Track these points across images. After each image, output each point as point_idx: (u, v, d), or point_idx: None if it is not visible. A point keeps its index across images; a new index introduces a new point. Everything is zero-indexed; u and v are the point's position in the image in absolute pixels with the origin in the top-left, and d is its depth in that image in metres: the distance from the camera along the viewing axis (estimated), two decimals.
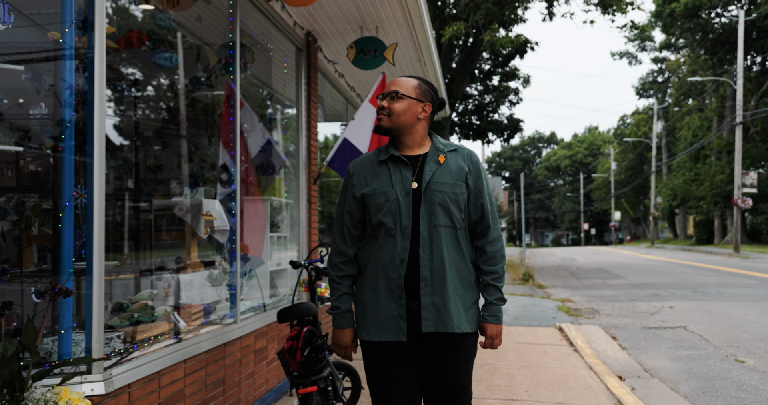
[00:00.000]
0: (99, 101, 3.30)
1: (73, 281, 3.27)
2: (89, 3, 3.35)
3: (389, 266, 3.12)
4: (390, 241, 3.13)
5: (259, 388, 5.50)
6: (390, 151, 3.22)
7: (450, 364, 3.15)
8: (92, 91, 3.30)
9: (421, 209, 3.11)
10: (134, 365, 3.54)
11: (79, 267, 3.34)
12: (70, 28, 3.29)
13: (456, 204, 3.13)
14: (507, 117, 26.93)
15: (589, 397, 6.12)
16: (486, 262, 3.21)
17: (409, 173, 3.16)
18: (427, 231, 3.10)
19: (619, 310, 13.05)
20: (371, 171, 3.23)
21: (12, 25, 3.30)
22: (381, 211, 3.14)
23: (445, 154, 3.21)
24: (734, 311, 12.26)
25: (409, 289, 3.10)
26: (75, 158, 3.30)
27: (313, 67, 7.25)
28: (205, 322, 4.83)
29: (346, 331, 3.27)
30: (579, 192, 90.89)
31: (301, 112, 7.12)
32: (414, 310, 3.11)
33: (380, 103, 3.21)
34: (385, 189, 3.15)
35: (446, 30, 18.03)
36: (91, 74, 3.32)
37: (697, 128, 53.13)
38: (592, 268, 27.11)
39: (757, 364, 7.79)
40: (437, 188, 3.12)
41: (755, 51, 45.64)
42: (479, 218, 3.21)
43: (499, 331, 3.24)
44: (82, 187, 3.36)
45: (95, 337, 3.28)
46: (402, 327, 3.09)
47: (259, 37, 6.36)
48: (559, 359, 7.93)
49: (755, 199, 42.72)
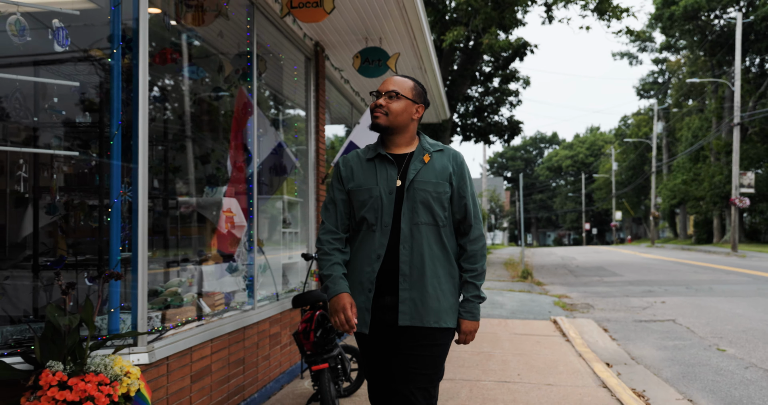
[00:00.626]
0: (143, 113, 3.84)
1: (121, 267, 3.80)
2: (134, 27, 3.88)
3: (365, 261, 3.22)
4: (370, 236, 3.23)
5: (274, 370, 6.03)
6: (378, 150, 3.31)
7: (418, 347, 3.19)
8: (137, 104, 3.83)
9: (403, 207, 3.20)
10: (170, 341, 4.07)
11: (123, 256, 3.87)
12: (118, 49, 3.81)
13: (439, 202, 3.22)
14: (507, 118, 27.46)
15: (576, 380, 6.65)
16: (466, 260, 3.29)
17: (394, 171, 3.25)
18: (409, 228, 3.19)
19: (612, 305, 13.56)
20: (359, 167, 3.32)
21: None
22: (364, 207, 3.24)
23: (431, 153, 3.30)
24: (723, 306, 12.78)
25: (386, 284, 3.19)
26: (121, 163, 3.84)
27: (321, 75, 7.78)
28: (227, 308, 5.37)
29: (341, 296, 3.18)
30: (580, 192, 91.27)
31: (310, 117, 7.65)
32: (391, 305, 3.20)
33: (377, 101, 3.28)
34: (369, 186, 3.25)
35: (447, 35, 18.57)
36: (136, 89, 3.84)
37: (696, 129, 53.59)
38: (590, 266, 27.62)
39: (736, 353, 8.31)
40: (420, 187, 3.20)
41: (753, 53, 46.14)
42: (462, 217, 3.29)
43: (475, 328, 3.29)
44: (126, 187, 3.89)
45: (140, 315, 3.81)
46: (366, 319, 3.20)
47: (271, 48, 6.88)
48: (551, 348, 8.45)
49: (753, 199, 43.19)
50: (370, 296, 3.20)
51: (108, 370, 3.35)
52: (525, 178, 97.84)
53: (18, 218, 4.22)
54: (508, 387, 6.34)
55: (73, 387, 3.19)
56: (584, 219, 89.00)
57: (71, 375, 3.25)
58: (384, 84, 3.33)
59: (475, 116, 27.20)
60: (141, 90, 3.83)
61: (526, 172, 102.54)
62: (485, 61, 26.46)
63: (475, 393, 6.08)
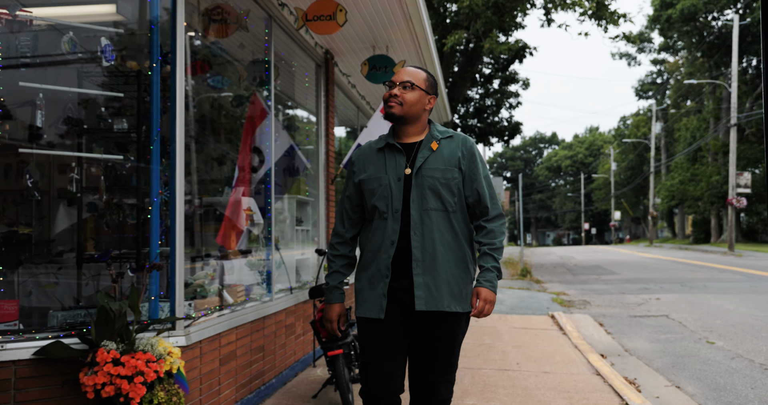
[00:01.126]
0: (180, 121, 4.27)
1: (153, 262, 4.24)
2: (171, 43, 4.31)
3: (380, 247, 3.31)
4: (383, 224, 3.32)
5: (289, 358, 6.46)
6: (387, 139, 3.42)
7: (438, 339, 3.30)
8: (174, 113, 4.27)
9: (412, 193, 3.28)
10: (202, 327, 4.51)
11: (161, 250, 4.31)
12: (157, 64, 4.25)
13: (447, 188, 3.29)
14: (507, 119, 27.90)
15: (571, 368, 7.09)
16: (485, 236, 3.36)
17: (403, 160, 3.34)
18: (419, 214, 3.27)
19: (609, 302, 14.00)
20: (370, 158, 3.43)
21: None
22: (375, 195, 3.33)
23: (439, 140, 3.38)
24: (715, 302, 13.22)
25: (402, 268, 3.28)
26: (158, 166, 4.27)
27: (331, 81, 8.22)
28: (248, 299, 5.80)
29: (333, 306, 3.49)
30: (580, 192, 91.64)
31: (321, 120, 8.09)
32: (407, 288, 3.28)
33: (392, 91, 3.36)
34: (378, 175, 3.35)
35: (448, 38, 19.01)
36: (174, 100, 4.28)
37: (695, 129, 54.07)
38: (588, 265, 28.07)
39: (724, 345, 8.75)
40: (428, 174, 3.28)
41: (750, 54, 46.61)
42: (476, 201, 3.37)
43: (492, 298, 3.30)
44: (163, 187, 4.33)
45: (178, 302, 4.25)
46: (383, 305, 3.29)
47: (285, 56, 7.31)
48: (548, 340, 8.89)
49: (750, 199, 43.67)
50: (387, 281, 3.28)
51: (154, 350, 3.79)
52: (524, 178, 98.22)
53: (69, 216, 4.66)
54: (508, 374, 6.78)
55: (126, 363, 3.62)
56: (583, 219, 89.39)
57: (122, 353, 3.69)
58: (398, 75, 3.41)
59: (475, 117, 27.62)
60: (178, 101, 4.27)
61: (525, 172, 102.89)
62: (485, 63, 26.89)
63: (476, 379, 6.52)
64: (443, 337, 3.31)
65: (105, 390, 3.56)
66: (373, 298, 3.30)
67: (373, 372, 3.31)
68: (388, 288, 3.29)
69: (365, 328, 3.36)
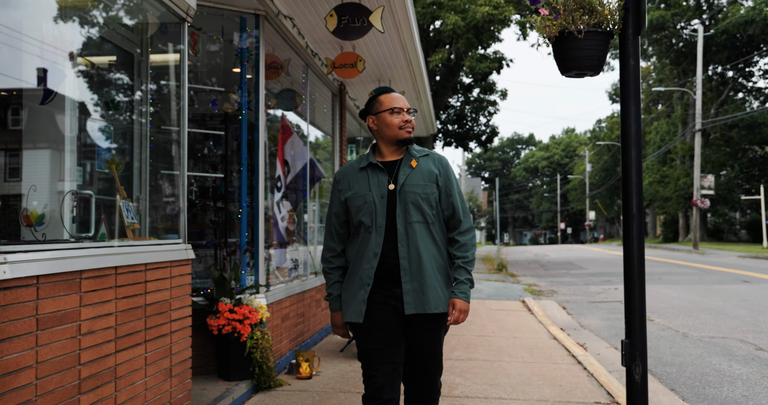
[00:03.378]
0: (262, 151, 6.22)
1: (247, 247, 6.19)
2: (255, 97, 6.25)
3: (363, 258, 3.53)
4: (367, 237, 3.53)
5: (318, 325, 8.42)
6: (369, 159, 3.62)
7: (428, 338, 3.57)
8: (258, 144, 6.21)
9: (397, 208, 3.50)
10: (272, 294, 6.45)
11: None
12: (245, 110, 6.19)
13: (427, 202, 3.52)
14: (485, 124, 29.97)
15: (534, 335, 9.10)
16: (458, 249, 3.59)
17: (385, 178, 3.55)
18: (404, 227, 3.49)
19: (573, 291, 16.07)
20: (354, 177, 3.63)
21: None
22: (360, 211, 3.54)
23: (418, 158, 3.60)
24: (664, 291, 15.32)
25: (391, 277, 3.51)
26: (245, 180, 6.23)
27: (344, 108, 10.18)
28: (292, 278, 7.76)
29: (338, 314, 3.69)
30: (556, 192, 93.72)
31: (336, 139, 10.05)
32: (398, 296, 3.51)
33: (407, 117, 3.61)
34: (363, 192, 3.55)
35: (433, 57, 21.05)
36: (257, 134, 6.22)
37: (664, 133, 56.54)
38: (560, 261, 30.24)
39: (661, 321, 10.79)
40: (410, 189, 3.50)
41: (715, 63, 49.07)
42: (451, 214, 3.61)
43: (466, 308, 3.54)
44: (248, 196, 6.27)
45: (261, 275, 6.21)
46: (362, 310, 3.50)
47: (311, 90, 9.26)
48: (518, 318, 10.91)
49: (713, 201, 46.16)
50: (368, 289, 3.49)
51: (252, 304, 5.74)
52: (502, 178, 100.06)
53: (192, 217, 6.61)
54: (485, 339, 8.77)
55: (237, 311, 5.58)
56: (559, 219, 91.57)
57: (234, 306, 5.64)
58: (402, 101, 3.66)
59: (456, 124, 29.63)
60: (261, 136, 6.22)
61: (503, 172, 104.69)
62: (465, 73, 28.93)
63: (461, 341, 8.51)
64: (432, 337, 3.59)
65: (225, 329, 5.51)
66: (354, 305, 3.52)
67: (377, 370, 3.48)
68: (381, 296, 3.53)
69: (364, 335, 3.54)
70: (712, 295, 14.29)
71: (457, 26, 19.37)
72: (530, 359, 7.42)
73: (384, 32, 6.73)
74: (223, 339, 5.61)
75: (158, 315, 3.94)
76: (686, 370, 7.23)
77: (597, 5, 4.15)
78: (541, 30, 4.30)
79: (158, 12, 4.41)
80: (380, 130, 3.60)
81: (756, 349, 8.32)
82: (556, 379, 6.44)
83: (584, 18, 4.16)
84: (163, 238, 4.46)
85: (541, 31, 4.30)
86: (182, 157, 4.57)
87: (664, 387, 6.51)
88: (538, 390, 6.02)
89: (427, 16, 20.75)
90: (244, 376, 5.66)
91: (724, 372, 7.13)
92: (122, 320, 3.51)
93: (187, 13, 4.50)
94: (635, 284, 4.33)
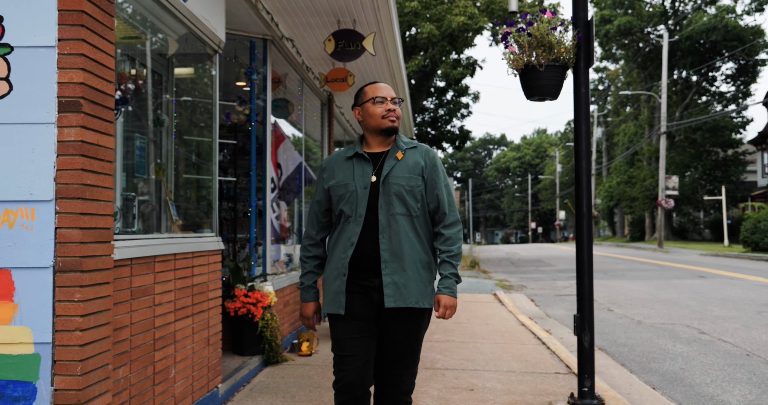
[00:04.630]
0: (269, 159, 7.14)
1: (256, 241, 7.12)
2: (264, 112, 7.18)
3: (341, 248, 3.49)
4: (347, 227, 3.49)
5: None
6: (356, 149, 3.58)
7: (405, 333, 3.52)
8: (265, 152, 7.13)
9: (379, 199, 3.44)
10: (276, 282, 7.37)
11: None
12: (255, 123, 7.12)
13: (411, 195, 3.45)
14: (459, 128, 31.06)
15: (505, 322, 10.11)
16: (443, 243, 3.51)
17: (370, 169, 3.51)
18: (386, 219, 3.43)
19: (542, 286, 17.15)
20: (339, 166, 3.59)
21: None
22: (342, 200, 3.50)
23: (404, 151, 3.54)
24: (625, 286, 16.44)
25: (370, 267, 3.47)
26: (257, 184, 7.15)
27: (332, 115, 11.12)
28: (291, 269, 8.69)
29: (308, 305, 3.69)
30: (527, 192, 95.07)
31: (324, 144, 10.99)
32: (376, 286, 3.46)
33: (390, 107, 3.52)
34: (346, 182, 3.51)
35: (409, 63, 22.04)
36: (265, 144, 7.15)
37: (632, 135, 58.04)
38: (530, 259, 31.43)
39: (619, 311, 11.85)
40: (394, 181, 3.44)
41: (680, 67, 50.66)
42: (436, 207, 3.53)
43: (453, 303, 3.47)
44: (256, 197, 7.20)
45: (269, 265, 7.15)
46: (341, 301, 3.45)
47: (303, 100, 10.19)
48: (490, 308, 11.92)
49: (678, 201, 47.72)
50: (344, 280, 3.46)
51: (263, 290, 6.67)
52: (474, 178, 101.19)
53: None
54: (460, 325, 9.76)
55: (250, 295, 6.51)
56: (530, 218, 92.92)
57: (247, 291, 6.57)
58: (386, 90, 3.59)
59: (430, 126, 30.68)
60: (269, 146, 7.14)
61: (475, 172, 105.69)
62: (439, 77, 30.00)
63: (439, 327, 9.49)
64: (409, 332, 3.53)
65: (240, 311, 6.44)
66: (331, 295, 3.50)
67: (348, 364, 3.43)
68: (357, 286, 3.49)
69: (339, 324, 3.51)
70: (668, 289, 15.42)
71: (432, 35, 20.39)
72: (501, 341, 8.42)
73: (375, 55, 7.70)
74: (238, 320, 6.53)
75: (200, 294, 4.86)
76: (636, 350, 8.27)
77: (555, 44, 5.17)
78: (510, 63, 5.33)
79: (197, 43, 5.32)
80: (365, 120, 3.58)
81: (699, 333, 9.39)
82: (523, 356, 7.44)
83: (544, 54, 5.18)
84: (199, 232, 5.38)
85: (510, 64, 5.32)
86: (214, 165, 5.50)
87: (616, 362, 7.53)
88: (507, 364, 7.02)
89: (404, 25, 21.74)
90: (256, 352, 6.60)
91: (668, 351, 8.18)
92: (178, 296, 4.44)
93: (219, 46, 5.42)
94: (585, 271, 5.36)
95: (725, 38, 46.84)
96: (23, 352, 3.07)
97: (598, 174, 68.02)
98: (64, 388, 3.09)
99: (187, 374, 4.61)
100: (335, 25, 7.40)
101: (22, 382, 3.06)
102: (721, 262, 26.24)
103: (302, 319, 3.72)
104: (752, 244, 31.37)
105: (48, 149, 3.11)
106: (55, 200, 3.11)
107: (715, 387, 6.48)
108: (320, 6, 6.88)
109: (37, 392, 3.06)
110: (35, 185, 3.11)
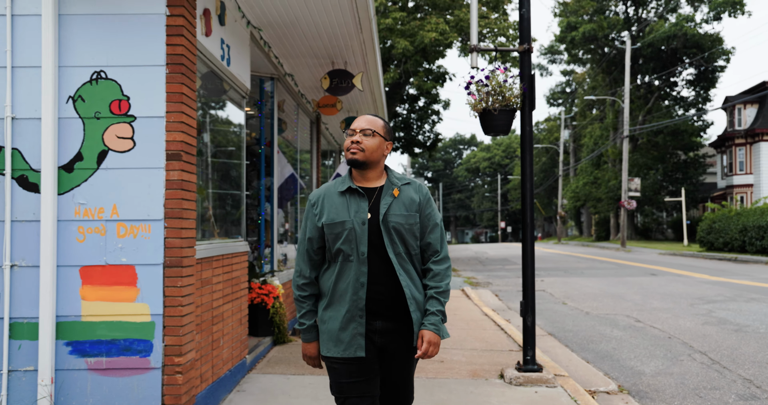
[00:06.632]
0: (277, 175, 8.67)
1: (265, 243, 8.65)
2: (271, 134, 8.71)
3: (350, 289, 3.34)
4: (348, 266, 3.35)
5: None
6: (348, 183, 3.43)
7: (405, 369, 3.54)
8: (273, 169, 8.65)
9: (384, 238, 3.35)
10: (279, 277, 8.89)
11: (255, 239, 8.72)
12: (263, 146, 8.64)
13: (411, 233, 3.39)
14: (429, 131, 32.72)
15: (470, 313, 11.71)
16: (432, 278, 3.40)
17: (365, 204, 3.38)
18: (395, 257, 3.35)
19: (506, 283, 18.80)
20: (331, 201, 3.42)
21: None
22: (340, 239, 3.35)
23: (399, 187, 3.43)
24: (582, 282, 18.14)
25: (373, 310, 3.38)
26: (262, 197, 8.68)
27: (319, 132, 12.65)
28: (289, 267, 10.21)
29: (312, 345, 3.54)
30: (497, 192, 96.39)
31: (313, 157, 12.53)
32: (378, 329, 3.39)
33: (354, 138, 3.39)
34: (342, 219, 3.36)
35: (385, 75, 23.60)
36: (272, 163, 8.67)
37: (597, 137, 60.12)
38: (497, 258, 33.19)
39: (571, 304, 13.51)
40: (394, 219, 3.36)
41: (642, 73, 52.81)
42: (429, 243, 3.45)
43: (437, 341, 3.34)
44: (265, 207, 8.72)
45: (276, 262, 8.68)
46: (362, 343, 3.34)
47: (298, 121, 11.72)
48: (458, 302, 13.52)
49: (640, 202, 49.87)
50: (362, 322, 3.36)
51: (273, 283, 8.20)
52: (444, 178, 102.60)
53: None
54: None
55: (264, 287, 8.03)
56: (500, 218, 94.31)
57: (261, 284, 8.10)
58: (358, 122, 3.46)
59: (402, 131, 32.26)
60: (276, 165, 8.67)
61: (445, 172, 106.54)
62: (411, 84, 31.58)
63: None
64: (409, 368, 3.56)
65: (256, 300, 7.96)
66: (348, 339, 3.37)
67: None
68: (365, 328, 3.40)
69: (342, 368, 3.41)
70: (619, 285, 17.14)
71: (407, 50, 21.99)
72: (466, 327, 10.02)
73: (363, 91, 9.26)
74: (253, 308, 8.04)
75: (236, 285, 6.39)
76: (579, 334, 9.91)
77: (506, 93, 6.76)
78: (471, 107, 6.92)
79: (232, 92, 6.85)
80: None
81: (635, 321, 11.06)
82: (484, 339, 9.05)
83: (498, 100, 6.76)
84: (233, 238, 6.91)
85: (472, 108, 6.91)
86: (242, 184, 7.03)
87: (561, 344, 9.16)
88: (471, 344, 8.62)
89: (379, 39, 23.32)
90: (267, 334, 8.12)
91: (606, 335, 9.84)
92: (224, 286, 5.97)
93: (246, 93, 6.97)
94: (528, 266, 6.96)
95: (685, 45, 49.10)
96: (143, 320, 4.62)
97: (566, 175, 69.90)
98: (170, 344, 4.65)
99: (229, 345, 6.14)
100: (330, 65, 8.95)
101: (144, 340, 4.62)
102: (676, 261, 28.11)
103: (307, 359, 3.59)
104: (708, 244, 33.39)
105: (159, 186, 4.66)
106: (164, 219, 4.65)
107: (637, 361, 8.11)
108: (319, 51, 8.42)
109: (153, 346, 4.62)
110: (151, 209, 4.66)
